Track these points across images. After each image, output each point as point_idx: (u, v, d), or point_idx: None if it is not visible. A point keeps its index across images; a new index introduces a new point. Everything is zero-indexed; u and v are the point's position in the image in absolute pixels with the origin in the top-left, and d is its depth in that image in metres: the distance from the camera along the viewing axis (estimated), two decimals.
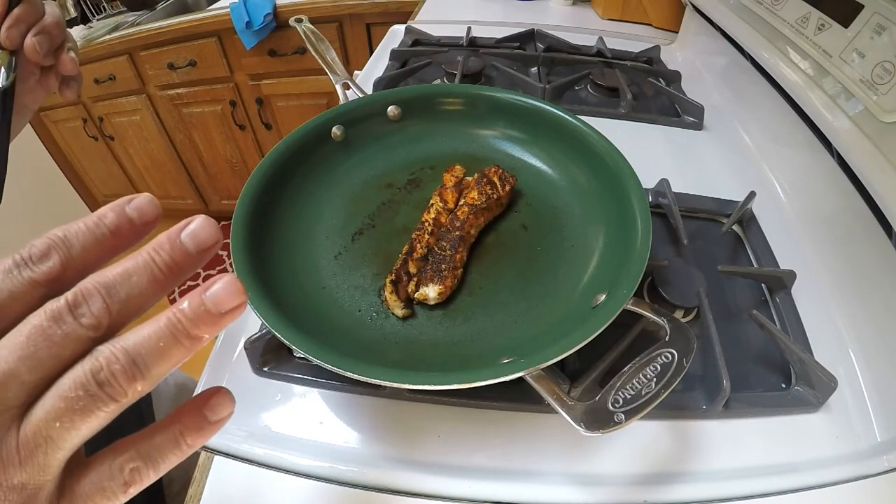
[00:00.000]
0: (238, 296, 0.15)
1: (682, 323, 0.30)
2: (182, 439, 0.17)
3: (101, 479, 0.16)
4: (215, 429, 0.17)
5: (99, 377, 0.14)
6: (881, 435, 0.35)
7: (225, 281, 0.15)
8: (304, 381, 0.37)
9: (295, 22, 0.59)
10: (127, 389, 0.15)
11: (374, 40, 1.32)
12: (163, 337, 0.15)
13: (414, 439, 0.35)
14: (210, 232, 0.16)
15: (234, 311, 0.16)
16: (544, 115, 0.47)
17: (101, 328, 0.15)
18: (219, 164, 1.69)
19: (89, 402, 0.14)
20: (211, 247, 0.16)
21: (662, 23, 0.89)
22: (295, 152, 0.44)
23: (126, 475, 0.16)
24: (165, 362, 0.15)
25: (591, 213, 0.42)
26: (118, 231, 0.16)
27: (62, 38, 0.38)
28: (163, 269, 0.16)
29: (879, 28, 0.41)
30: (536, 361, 0.28)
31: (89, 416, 0.15)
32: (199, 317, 0.15)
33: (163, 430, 0.17)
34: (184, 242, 0.16)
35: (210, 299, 0.15)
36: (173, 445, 0.17)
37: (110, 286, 0.15)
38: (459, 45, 0.79)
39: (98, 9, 1.53)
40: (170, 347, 0.15)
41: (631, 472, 0.33)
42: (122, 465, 0.16)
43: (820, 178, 0.49)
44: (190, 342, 0.15)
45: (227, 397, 0.18)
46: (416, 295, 0.37)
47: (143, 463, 0.16)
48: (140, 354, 0.15)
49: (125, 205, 0.16)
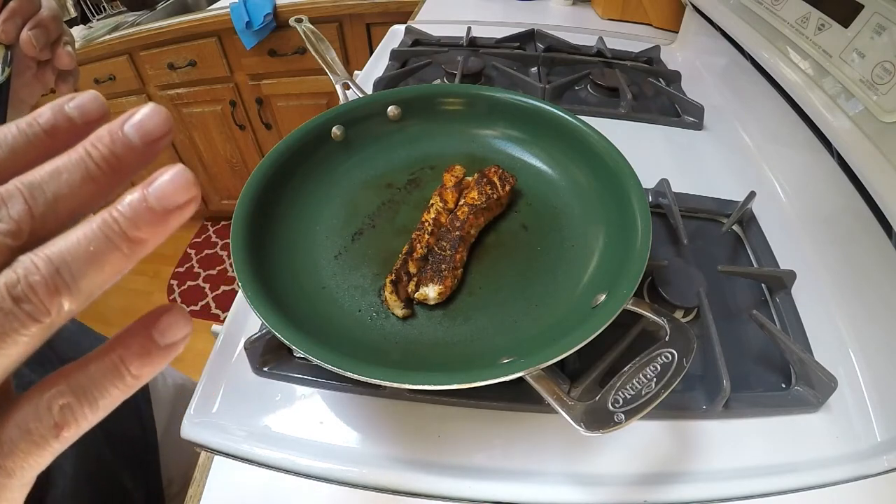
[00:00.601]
0: (188, 189, 0.13)
1: (682, 323, 0.30)
2: (124, 367, 0.14)
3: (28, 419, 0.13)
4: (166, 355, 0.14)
5: (15, 291, 0.12)
6: (881, 435, 0.35)
7: (173, 171, 0.13)
8: (304, 381, 0.37)
9: (295, 22, 0.59)
10: (49, 305, 0.12)
11: (374, 40, 1.32)
12: (94, 240, 0.12)
13: (414, 439, 0.35)
14: (157, 120, 0.14)
15: (182, 207, 0.13)
16: (544, 115, 0.47)
17: (23, 235, 0.12)
18: (219, 164, 1.69)
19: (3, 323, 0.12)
20: (160, 137, 0.14)
21: (662, 23, 0.89)
22: (295, 152, 0.44)
23: (56, 414, 0.13)
24: (98, 272, 0.12)
25: (591, 213, 0.42)
26: (54, 131, 0.14)
27: (59, 31, 0.37)
28: (101, 164, 0.13)
29: (879, 28, 0.41)
30: (536, 361, 0.28)
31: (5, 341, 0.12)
32: (140, 214, 0.12)
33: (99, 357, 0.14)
34: (127, 133, 0.13)
35: (154, 193, 0.13)
36: (113, 375, 0.14)
37: (34, 185, 0.12)
38: (459, 45, 0.79)
39: (98, 9, 1.53)
40: (103, 253, 0.12)
41: (631, 472, 0.33)
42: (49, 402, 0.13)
43: (820, 178, 0.49)
44: (129, 246, 0.12)
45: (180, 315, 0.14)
46: (416, 295, 0.37)
47: (75, 398, 0.13)
48: (65, 262, 0.12)
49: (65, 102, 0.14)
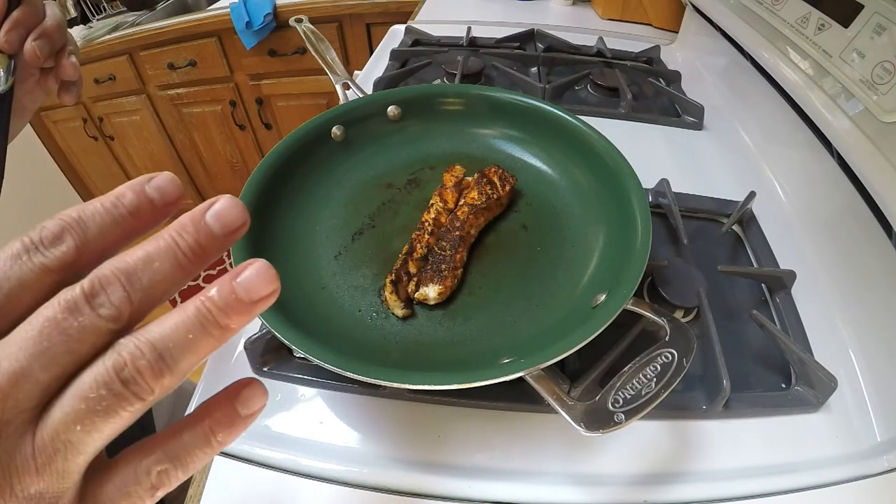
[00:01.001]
0: (272, 282, 0.14)
1: (682, 323, 0.30)
2: (212, 436, 0.15)
3: (127, 483, 0.15)
4: (247, 423, 0.16)
5: (123, 374, 0.13)
6: (881, 435, 0.35)
7: (257, 266, 0.14)
8: (304, 381, 0.37)
9: (295, 22, 0.59)
10: (154, 386, 0.13)
11: (374, 40, 1.32)
12: (191, 328, 0.14)
13: (414, 439, 0.35)
14: (236, 212, 0.15)
15: (266, 298, 0.14)
16: (544, 116, 0.47)
17: (122, 320, 0.14)
18: (219, 164, 1.69)
19: (113, 402, 0.13)
20: (238, 228, 0.15)
21: (662, 23, 0.89)
22: (295, 152, 0.44)
23: (153, 478, 0.15)
24: (194, 355, 0.14)
25: (591, 213, 0.42)
26: (137, 212, 0.15)
27: (63, 41, 0.37)
28: (187, 253, 0.14)
29: (879, 28, 0.41)
30: (536, 361, 0.28)
31: (113, 417, 0.13)
32: (230, 305, 0.14)
33: (191, 427, 0.15)
34: (209, 224, 0.14)
35: (241, 286, 0.14)
36: (203, 443, 0.15)
37: (131, 273, 0.14)
38: (459, 45, 0.79)
39: (98, 9, 1.53)
40: (199, 339, 0.14)
41: (631, 472, 0.33)
42: (148, 468, 0.15)
43: (820, 178, 0.49)
44: (220, 332, 0.14)
45: (260, 388, 0.16)
46: (416, 295, 0.37)
47: (171, 464, 0.15)
48: (167, 348, 0.13)
49: (145, 183, 0.15)
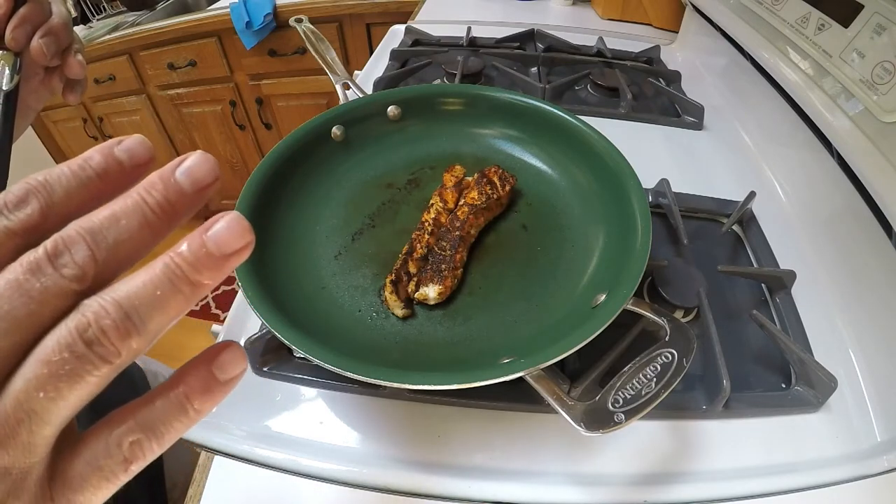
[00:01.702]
0: (244, 234, 0.14)
1: (682, 323, 0.30)
2: (188, 403, 0.14)
3: (97, 456, 0.14)
4: (226, 390, 0.15)
5: (86, 335, 0.12)
6: (881, 435, 0.35)
7: (228, 218, 0.14)
8: (304, 381, 0.37)
9: (295, 22, 0.59)
10: (120, 348, 0.13)
11: (374, 40, 1.32)
12: (159, 284, 0.13)
13: (414, 439, 0.35)
14: (207, 167, 0.14)
15: (239, 252, 0.14)
16: (544, 115, 0.47)
17: (87, 279, 0.13)
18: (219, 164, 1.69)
19: (77, 366, 0.12)
20: (209, 184, 0.14)
21: (662, 23, 0.89)
22: (295, 152, 0.44)
23: (126, 450, 0.14)
24: (163, 314, 0.13)
25: (591, 213, 0.42)
26: (106, 174, 0.14)
27: (70, 39, 0.36)
28: (156, 209, 0.14)
29: (879, 28, 0.41)
30: (536, 361, 0.28)
31: (78, 383, 0.12)
32: (201, 260, 0.13)
33: (164, 394, 0.14)
34: (178, 180, 0.14)
35: (212, 239, 0.13)
36: (178, 411, 0.14)
37: (96, 231, 0.13)
38: (459, 45, 0.79)
39: (98, 9, 1.53)
40: (168, 296, 0.13)
41: (631, 472, 0.33)
42: (119, 439, 0.14)
43: (820, 178, 0.49)
44: (191, 289, 0.13)
45: (238, 351, 0.15)
46: (416, 295, 0.37)
47: (144, 435, 0.14)
48: (134, 306, 0.13)
49: (114, 146, 0.15)
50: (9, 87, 0.33)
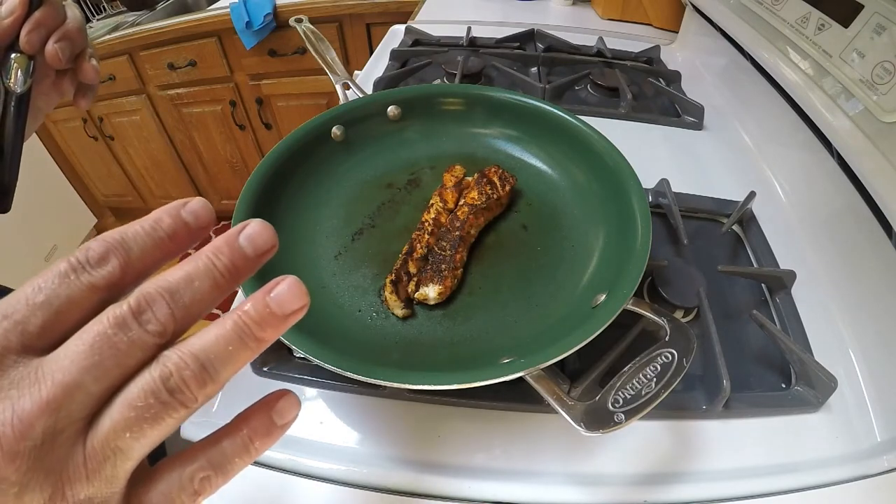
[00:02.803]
0: (302, 297, 0.15)
1: (682, 323, 0.30)
2: (251, 444, 0.17)
3: (171, 489, 0.16)
4: (282, 432, 0.17)
5: (169, 384, 0.14)
6: (881, 435, 0.35)
7: (288, 282, 0.15)
8: (304, 381, 0.37)
9: (295, 22, 0.59)
10: (198, 395, 0.14)
11: (374, 40, 1.32)
12: (231, 340, 0.15)
13: (414, 439, 0.35)
14: (267, 236, 0.16)
15: (297, 312, 0.15)
16: (544, 116, 0.47)
17: (167, 335, 0.15)
18: (219, 164, 1.69)
19: (160, 410, 0.14)
20: (268, 251, 0.16)
21: (662, 23, 0.89)
22: (295, 152, 0.44)
23: (196, 484, 0.16)
24: (233, 365, 0.15)
25: (591, 213, 0.42)
26: (174, 235, 0.16)
27: (84, 44, 0.36)
28: (224, 272, 0.15)
29: (879, 28, 0.41)
30: (536, 361, 0.28)
31: (159, 424, 0.14)
32: (265, 319, 0.15)
33: (230, 435, 0.16)
34: (242, 246, 0.16)
35: (275, 301, 0.15)
36: (242, 451, 0.16)
37: (174, 291, 0.15)
38: (459, 45, 0.79)
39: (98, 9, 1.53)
40: (237, 351, 0.15)
41: (631, 472, 0.33)
42: (192, 475, 0.16)
43: (820, 178, 0.49)
44: (256, 344, 0.15)
45: (293, 399, 0.18)
46: (416, 295, 0.37)
47: (213, 471, 0.16)
48: (210, 359, 0.14)
49: (180, 208, 0.16)
50: (22, 89, 0.33)
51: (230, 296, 0.24)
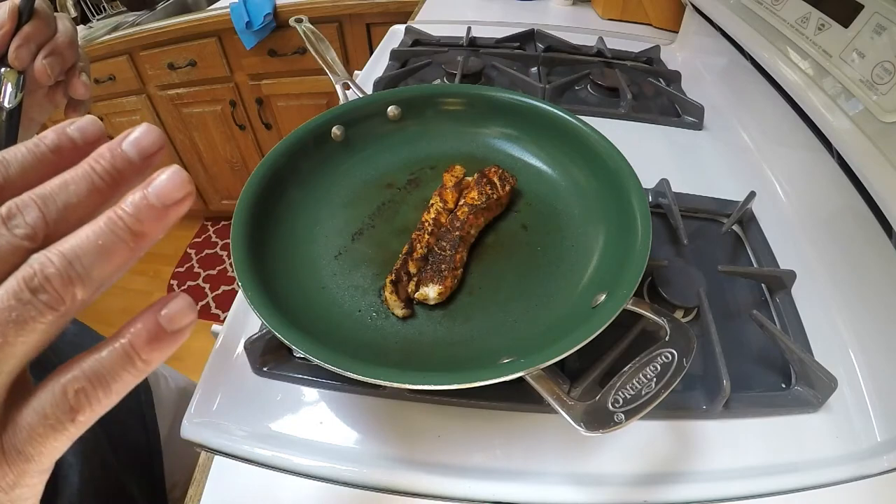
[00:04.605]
0: (183, 185, 0.14)
1: (682, 323, 0.30)
2: (134, 352, 0.14)
3: (44, 405, 0.14)
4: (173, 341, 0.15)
5: (32, 283, 0.13)
6: (881, 435, 0.35)
7: (169, 171, 0.14)
8: (304, 381, 0.37)
9: (295, 22, 0.59)
10: (64, 295, 0.13)
11: (374, 40, 1.32)
12: (101, 234, 0.14)
13: (414, 439, 0.35)
14: (153, 138, 0.15)
15: (179, 203, 0.14)
16: (544, 116, 0.47)
17: (38, 238, 0.14)
18: (219, 164, 1.69)
19: (22, 312, 0.13)
20: (155, 153, 0.15)
21: (662, 23, 0.89)
22: (295, 152, 0.44)
23: (71, 398, 0.14)
24: (106, 263, 0.14)
25: (591, 213, 0.42)
26: (59, 149, 0.15)
27: (74, 58, 0.35)
28: (103, 176, 0.15)
29: (879, 28, 0.41)
30: (536, 361, 0.28)
31: (24, 329, 0.13)
32: (142, 210, 0.14)
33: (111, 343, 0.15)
34: (125, 150, 0.15)
35: (153, 191, 0.14)
36: (124, 360, 0.14)
37: (46, 196, 0.14)
38: (459, 45, 0.79)
39: (98, 9, 1.53)
40: (110, 246, 0.14)
41: (631, 472, 0.33)
42: (65, 387, 0.14)
43: (820, 178, 0.49)
44: (133, 239, 0.14)
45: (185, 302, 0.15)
46: (416, 295, 0.37)
47: (89, 383, 0.14)
48: (77, 255, 0.13)
49: (67, 125, 0.16)
50: (12, 104, 0.33)
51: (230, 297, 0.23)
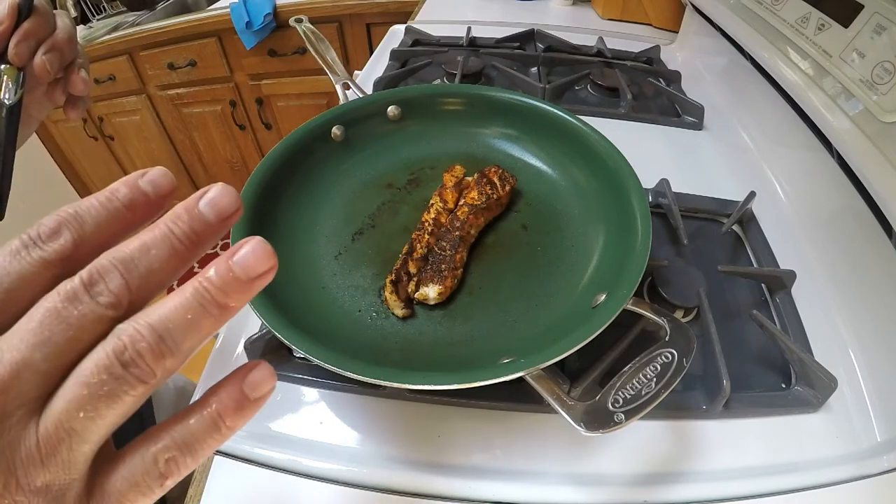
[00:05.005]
0: (268, 259, 0.14)
1: (682, 323, 0.30)
2: (221, 421, 0.15)
3: (135, 473, 0.14)
4: (256, 407, 0.16)
5: (123, 357, 0.13)
6: (881, 435, 0.35)
7: (253, 243, 0.14)
8: (304, 381, 0.37)
9: (295, 22, 0.59)
10: (155, 368, 0.13)
11: (374, 40, 1.32)
12: (190, 308, 0.14)
13: (414, 439, 0.35)
14: (230, 199, 0.15)
15: (264, 275, 0.14)
16: (544, 116, 0.47)
17: (122, 307, 0.14)
18: (219, 164, 1.69)
19: (115, 386, 0.13)
20: (232, 214, 0.15)
21: (662, 23, 0.89)
22: (295, 152, 0.44)
23: (162, 467, 0.14)
24: (195, 335, 0.14)
25: (591, 213, 0.42)
26: (132, 205, 0.15)
27: (73, 54, 0.35)
28: (183, 240, 0.14)
29: (879, 28, 0.41)
30: (536, 361, 0.28)
31: (115, 402, 0.13)
32: (228, 283, 0.14)
33: (198, 412, 0.15)
34: (202, 211, 0.15)
35: (238, 264, 0.14)
36: (212, 429, 0.15)
37: (128, 261, 0.14)
38: (459, 45, 0.79)
39: (98, 9, 1.53)
40: (198, 319, 0.14)
41: (631, 472, 0.33)
42: (156, 456, 0.14)
43: (820, 178, 0.49)
44: (219, 311, 0.14)
45: (268, 370, 0.16)
46: (416, 295, 0.37)
47: (179, 452, 0.15)
48: (167, 329, 0.13)
49: (138, 178, 0.15)
50: (12, 101, 0.33)
51: None
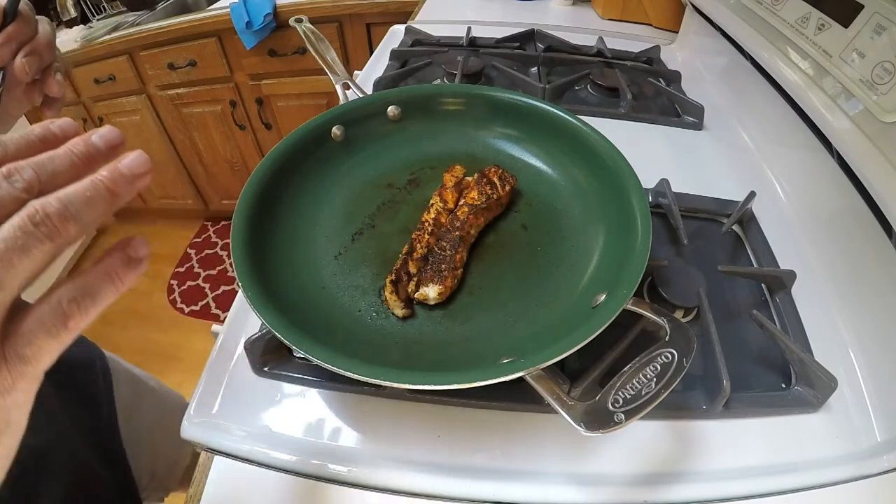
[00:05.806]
0: (145, 164, 0.19)
1: (682, 323, 0.30)
2: (113, 272, 0.19)
3: (42, 315, 0.17)
4: (139, 265, 0.20)
5: (35, 218, 0.17)
6: (881, 435, 0.35)
7: (136, 153, 0.19)
8: (304, 381, 0.37)
9: (295, 22, 0.59)
10: (61, 228, 0.17)
11: (374, 40, 1.32)
12: (87, 189, 0.18)
13: (414, 439, 0.35)
14: (114, 134, 0.20)
15: (143, 175, 0.19)
16: (544, 116, 0.47)
17: (33, 191, 0.17)
18: (219, 164, 1.69)
19: (26, 241, 0.16)
20: (118, 144, 0.20)
21: (662, 23, 0.89)
22: (295, 152, 0.44)
23: (66, 306, 0.17)
24: (92, 209, 0.18)
25: (591, 213, 0.42)
26: (44, 139, 0.20)
27: (51, 58, 0.38)
28: (80, 156, 0.19)
29: (879, 28, 0.41)
30: (536, 361, 0.28)
31: (27, 255, 0.16)
32: (116, 177, 0.19)
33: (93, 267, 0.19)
34: (94, 141, 0.20)
35: (124, 164, 0.19)
36: (106, 278, 0.19)
37: (37, 163, 0.18)
38: (459, 45, 0.79)
39: (98, 9, 1.53)
40: (95, 197, 0.18)
41: (631, 472, 0.33)
42: (59, 299, 0.18)
43: (820, 178, 0.49)
44: (110, 196, 0.18)
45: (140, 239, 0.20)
46: (416, 295, 0.37)
47: (79, 294, 0.18)
48: (71, 201, 0.17)
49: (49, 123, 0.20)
50: None
51: (230, 297, 0.24)
